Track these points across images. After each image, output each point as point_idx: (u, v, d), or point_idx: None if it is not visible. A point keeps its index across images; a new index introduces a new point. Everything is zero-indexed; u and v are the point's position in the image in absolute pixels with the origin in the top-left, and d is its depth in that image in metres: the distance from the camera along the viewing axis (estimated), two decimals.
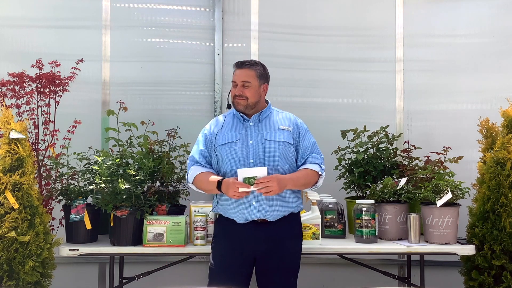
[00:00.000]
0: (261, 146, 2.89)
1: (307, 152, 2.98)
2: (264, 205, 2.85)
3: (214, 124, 3.04)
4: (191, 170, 2.98)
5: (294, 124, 3.00)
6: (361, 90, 4.40)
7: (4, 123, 3.12)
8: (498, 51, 4.25)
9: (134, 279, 3.51)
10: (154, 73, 4.34)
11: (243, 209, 2.85)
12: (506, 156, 3.25)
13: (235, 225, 2.88)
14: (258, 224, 2.87)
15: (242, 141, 2.91)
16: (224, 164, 2.91)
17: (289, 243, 2.93)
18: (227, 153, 2.90)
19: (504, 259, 3.19)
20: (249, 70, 2.95)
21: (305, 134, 3.01)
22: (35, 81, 3.58)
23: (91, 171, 3.44)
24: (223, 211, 2.93)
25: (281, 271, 2.89)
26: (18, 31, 4.19)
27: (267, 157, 2.87)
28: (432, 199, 3.29)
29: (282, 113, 3.05)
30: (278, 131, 2.94)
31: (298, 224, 3.03)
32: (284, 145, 2.92)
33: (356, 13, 4.44)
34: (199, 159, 2.99)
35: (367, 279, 3.98)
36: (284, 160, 2.90)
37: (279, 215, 2.88)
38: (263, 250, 2.87)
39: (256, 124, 2.96)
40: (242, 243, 2.87)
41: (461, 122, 4.18)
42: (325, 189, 3.68)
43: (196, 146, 3.05)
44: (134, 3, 4.35)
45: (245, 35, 4.40)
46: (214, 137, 2.97)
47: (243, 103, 2.93)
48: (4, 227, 2.98)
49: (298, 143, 2.98)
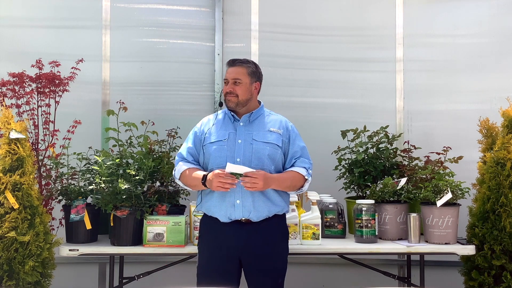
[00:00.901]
0: (249, 146, 2.89)
1: (296, 156, 2.97)
2: (248, 204, 2.83)
3: (205, 123, 3.05)
4: (178, 166, 2.99)
5: (285, 128, 3.00)
6: (361, 90, 4.40)
7: (4, 123, 3.12)
8: (498, 51, 4.26)
9: (134, 279, 3.51)
10: (154, 73, 4.34)
11: (227, 207, 2.84)
12: (506, 156, 3.25)
13: (218, 224, 2.87)
14: (241, 224, 2.85)
15: (230, 140, 2.91)
16: (211, 161, 2.90)
17: (273, 245, 2.90)
18: (214, 151, 2.90)
19: (504, 259, 3.19)
20: (240, 67, 2.96)
21: (295, 138, 3.00)
22: (35, 81, 3.58)
23: (91, 171, 3.43)
24: (206, 209, 2.92)
25: (268, 272, 2.87)
26: (18, 31, 4.19)
27: (254, 158, 2.86)
28: (432, 199, 3.29)
29: (273, 115, 3.05)
30: (268, 133, 2.94)
31: (283, 226, 3.00)
32: (272, 147, 2.91)
33: (356, 13, 4.44)
34: (186, 156, 2.99)
35: (367, 279, 3.98)
36: (271, 161, 2.90)
37: (263, 216, 2.86)
38: (247, 251, 2.85)
39: (246, 124, 2.96)
40: (225, 242, 2.85)
41: (461, 122, 4.18)
42: (325, 189, 3.70)
43: (185, 143, 3.06)
44: (134, 3, 4.35)
45: (245, 35, 4.40)
46: (204, 135, 2.98)
47: (234, 100, 2.93)
48: (4, 227, 2.98)
49: (287, 147, 2.98)
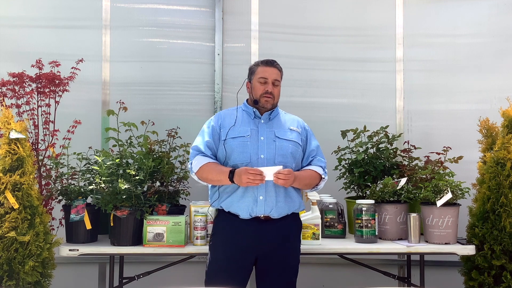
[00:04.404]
0: (273, 143, 2.92)
1: (312, 155, 3.04)
2: (271, 200, 2.85)
3: (223, 117, 3.03)
4: (196, 160, 2.93)
5: (302, 127, 3.08)
6: (361, 90, 4.40)
7: (4, 123, 3.12)
8: (498, 51, 4.25)
9: (134, 279, 3.52)
10: (154, 73, 4.34)
11: (249, 203, 2.84)
12: (506, 156, 3.25)
13: (237, 221, 2.87)
14: (261, 221, 2.87)
15: (253, 137, 2.92)
16: (233, 157, 2.90)
17: (291, 243, 2.94)
18: (237, 147, 2.90)
19: (504, 259, 3.19)
20: (278, 70, 3.02)
21: (311, 137, 3.09)
22: (35, 81, 3.58)
23: (91, 171, 3.44)
24: (226, 205, 2.90)
25: (283, 270, 2.89)
26: (18, 31, 4.19)
27: (278, 154, 2.90)
28: (432, 199, 3.29)
29: (289, 115, 3.11)
30: (289, 131, 2.99)
31: (299, 223, 3.05)
32: (294, 145, 2.96)
33: (356, 13, 4.44)
34: (204, 150, 2.94)
35: (367, 279, 3.98)
36: (293, 159, 2.94)
37: (283, 213, 2.89)
38: (266, 248, 2.87)
39: (267, 122, 2.99)
40: (244, 240, 2.86)
41: (461, 122, 4.18)
42: (325, 189, 3.67)
43: (200, 137, 3.01)
44: (134, 3, 4.35)
45: (245, 35, 4.40)
46: (225, 130, 2.95)
47: (271, 102, 2.98)
48: (4, 227, 2.98)
49: (305, 145, 3.04)
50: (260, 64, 3.02)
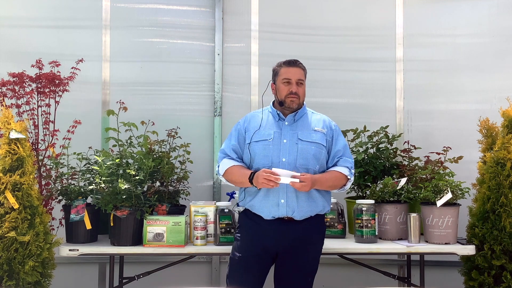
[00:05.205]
0: (295, 146, 2.91)
1: (339, 155, 3.01)
2: (293, 203, 2.87)
3: (249, 120, 3.05)
4: (222, 163, 3.01)
5: (328, 127, 3.04)
6: (361, 90, 4.40)
7: (4, 123, 3.12)
8: (498, 51, 4.25)
9: (134, 279, 3.51)
10: (154, 73, 4.34)
11: (271, 206, 2.88)
12: (506, 156, 3.25)
13: (261, 220, 2.91)
14: (284, 222, 2.89)
15: (275, 140, 2.93)
16: (256, 161, 2.92)
17: (313, 244, 2.96)
18: (260, 151, 2.92)
19: (504, 259, 3.19)
20: (301, 69, 3.00)
21: (338, 137, 3.05)
22: (35, 81, 3.58)
23: (91, 171, 3.44)
24: (250, 206, 2.95)
25: (301, 271, 2.92)
26: (18, 31, 4.19)
27: (300, 157, 2.90)
28: (432, 199, 3.29)
29: (316, 114, 3.08)
30: (313, 132, 2.97)
31: (323, 226, 3.06)
32: (317, 146, 2.94)
33: (356, 13, 4.44)
34: (230, 153, 3.02)
35: (367, 279, 3.98)
36: (316, 161, 2.93)
37: (306, 215, 2.90)
38: (287, 248, 2.89)
39: (291, 124, 2.98)
40: (266, 239, 2.89)
41: (461, 122, 4.18)
42: None
43: (227, 140, 3.08)
44: (134, 3, 4.35)
45: (245, 35, 4.40)
46: (249, 133, 2.97)
47: (296, 102, 2.96)
48: (4, 227, 2.98)
49: (330, 146, 3.02)
50: (283, 65, 3.00)
